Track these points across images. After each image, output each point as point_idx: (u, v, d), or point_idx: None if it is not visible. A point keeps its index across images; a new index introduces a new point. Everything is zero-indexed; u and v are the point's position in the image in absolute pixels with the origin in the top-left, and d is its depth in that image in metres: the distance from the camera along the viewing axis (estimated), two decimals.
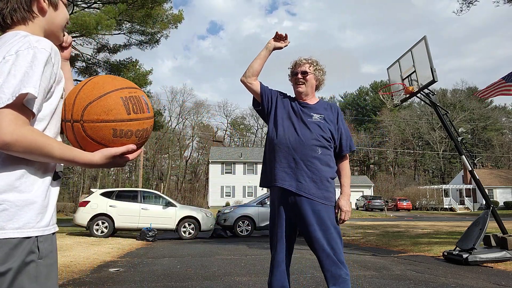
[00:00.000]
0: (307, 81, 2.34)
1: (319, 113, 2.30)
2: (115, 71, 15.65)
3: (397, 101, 7.20)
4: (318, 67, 2.39)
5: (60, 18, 1.15)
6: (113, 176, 55.16)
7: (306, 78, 2.33)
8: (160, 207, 11.35)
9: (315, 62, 2.39)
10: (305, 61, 2.37)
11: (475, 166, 51.45)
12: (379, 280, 4.41)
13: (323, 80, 2.43)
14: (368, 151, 66.18)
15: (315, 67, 2.37)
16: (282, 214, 2.21)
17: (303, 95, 2.36)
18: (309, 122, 2.26)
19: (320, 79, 2.40)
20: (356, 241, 9.69)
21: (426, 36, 6.33)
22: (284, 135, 2.25)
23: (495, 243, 5.90)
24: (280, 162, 2.22)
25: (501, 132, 62.75)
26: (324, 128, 2.25)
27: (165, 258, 6.51)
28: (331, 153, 2.27)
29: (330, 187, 2.20)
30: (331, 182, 2.22)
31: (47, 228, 0.99)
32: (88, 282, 4.35)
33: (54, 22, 1.13)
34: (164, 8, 14.80)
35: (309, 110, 2.31)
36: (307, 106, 2.34)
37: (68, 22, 1.21)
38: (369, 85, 77.00)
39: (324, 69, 2.44)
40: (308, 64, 2.36)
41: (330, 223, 2.15)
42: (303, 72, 2.34)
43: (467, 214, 32.34)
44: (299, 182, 2.15)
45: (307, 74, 2.34)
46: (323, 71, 2.42)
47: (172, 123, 59.06)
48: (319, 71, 2.39)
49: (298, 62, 2.39)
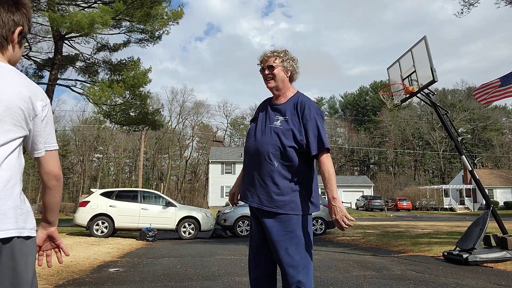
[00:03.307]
0: (275, 75, 2.18)
1: (284, 115, 2.14)
2: (115, 71, 15.65)
3: (397, 101, 7.19)
4: (285, 57, 2.20)
5: (19, 56, 1.31)
6: (113, 176, 55.20)
7: (273, 72, 2.18)
8: (160, 207, 11.35)
9: (282, 53, 2.20)
10: (270, 54, 2.20)
11: (475, 166, 51.43)
12: (379, 280, 4.41)
13: (295, 69, 2.25)
14: (368, 151, 66.19)
15: (281, 58, 2.19)
16: (253, 227, 2.23)
17: (275, 90, 2.23)
18: (269, 129, 2.14)
19: (291, 69, 2.22)
20: (356, 241, 9.68)
21: (426, 36, 6.33)
22: (247, 144, 2.22)
23: (495, 243, 5.90)
24: (245, 176, 2.22)
25: (501, 132, 62.76)
26: (283, 133, 2.09)
27: (165, 258, 6.51)
28: (294, 158, 2.08)
29: (290, 195, 2.06)
30: (294, 189, 2.08)
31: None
32: (88, 282, 4.35)
33: (16, 57, 1.28)
34: (163, 6, 14.76)
35: (275, 113, 2.18)
36: (276, 108, 2.21)
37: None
38: (369, 85, 77.06)
39: (295, 58, 2.26)
40: (273, 57, 2.19)
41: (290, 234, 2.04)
42: (269, 67, 2.18)
43: (467, 214, 32.33)
44: (258, 197, 2.10)
45: (273, 68, 2.18)
46: (293, 60, 2.23)
47: (172, 123, 59.13)
48: (288, 62, 2.20)
49: (263, 57, 2.22)
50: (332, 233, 12.17)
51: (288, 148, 2.07)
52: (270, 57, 2.20)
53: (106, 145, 54.86)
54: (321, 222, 12.16)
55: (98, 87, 13.61)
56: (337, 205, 2.00)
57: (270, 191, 2.06)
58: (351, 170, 68.15)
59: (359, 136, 65.17)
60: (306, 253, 2.07)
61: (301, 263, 2.03)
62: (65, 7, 14.17)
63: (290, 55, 2.24)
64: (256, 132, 2.20)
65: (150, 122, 16.24)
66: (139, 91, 14.75)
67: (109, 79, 15.11)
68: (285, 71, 2.21)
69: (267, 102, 2.32)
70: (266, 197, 2.07)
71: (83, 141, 52.59)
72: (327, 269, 5.17)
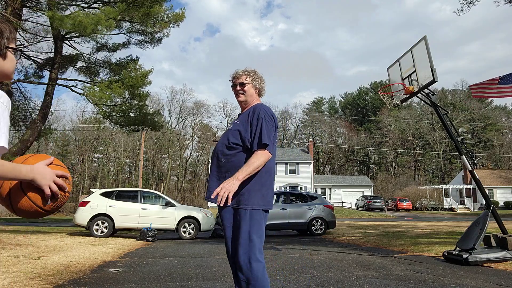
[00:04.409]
0: (246, 91, 2.51)
1: (240, 120, 2.44)
2: (115, 71, 15.63)
3: (397, 101, 7.19)
4: (255, 76, 2.55)
5: (8, 66, 1.36)
6: (113, 176, 55.17)
7: (244, 89, 2.51)
8: (160, 207, 11.35)
9: (252, 73, 2.55)
10: (242, 73, 2.54)
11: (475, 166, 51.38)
12: (379, 280, 4.41)
13: (262, 87, 2.60)
14: (368, 151, 66.17)
15: (252, 77, 2.54)
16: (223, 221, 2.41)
17: (244, 104, 2.55)
18: (225, 132, 2.48)
19: (259, 87, 2.57)
20: (356, 241, 9.68)
21: (426, 36, 6.32)
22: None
23: (495, 243, 5.90)
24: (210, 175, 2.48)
25: (501, 132, 62.75)
26: (232, 133, 2.38)
27: (165, 258, 6.50)
28: (241, 155, 2.34)
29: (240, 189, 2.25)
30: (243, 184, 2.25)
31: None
32: (88, 282, 4.35)
33: (4, 70, 1.34)
34: (164, 7, 14.74)
35: (236, 120, 2.51)
36: (238, 117, 2.52)
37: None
38: (369, 85, 77.04)
39: (262, 77, 2.61)
40: (245, 75, 2.53)
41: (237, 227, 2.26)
42: (241, 84, 2.52)
43: (467, 214, 32.33)
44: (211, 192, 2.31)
45: (245, 85, 2.51)
46: (261, 79, 2.59)
47: (172, 123, 59.12)
48: (257, 80, 2.56)
49: (235, 75, 2.55)
50: (332, 233, 12.17)
51: (233, 145, 2.35)
52: (241, 75, 2.54)
53: (106, 145, 54.85)
54: (321, 222, 12.16)
55: (98, 88, 13.59)
56: (231, 182, 2.16)
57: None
58: (351, 170, 68.16)
59: (359, 136, 65.14)
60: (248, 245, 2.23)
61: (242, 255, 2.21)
62: (65, 6, 14.16)
63: (259, 75, 2.60)
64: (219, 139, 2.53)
65: (150, 123, 16.21)
66: (138, 91, 14.73)
67: (109, 79, 15.10)
68: (254, 87, 2.56)
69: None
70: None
71: (83, 141, 52.58)
72: (327, 269, 5.17)
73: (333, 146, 66.26)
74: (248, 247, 2.20)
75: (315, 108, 77.03)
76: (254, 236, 2.22)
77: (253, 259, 2.18)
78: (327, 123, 71.08)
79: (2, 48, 1.34)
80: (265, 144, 2.25)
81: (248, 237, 2.21)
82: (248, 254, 2.18)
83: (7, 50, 1.36)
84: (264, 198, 2.31)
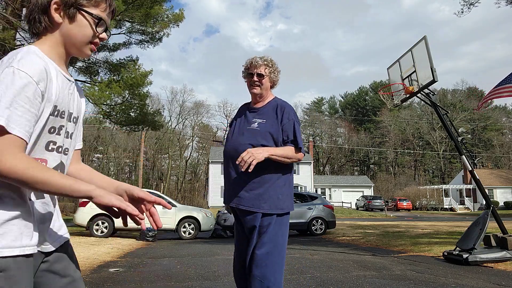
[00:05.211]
0: (263, 84, 2.30)
1: (262, 117, 2.26)
2: (115, 70, 15.63)
3: (397, 101, 7.19)
4: (273, 68, 2.34)
5: (79, 33, 1.04)
6: (113, 176, 55.15)
7: (261, 81, 2.30)
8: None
9: (270, 63, 2.34)
10: (261, 62, 2.31)
11: (475, 166, 51.40)
12: (379, 280, 4.40)
13: (277, 80, 2.40)
14: (368, 151, 66.18)
15: (270, 68, 2.33)
16: (238, 229, 2.30)
17: (258, 97, 2.35)
18: (246, 130, 2.26)
19: (275, 80, 2.37)
20: (356, 241, 9.68)
21: (426, 36, 6.32)
22: (225, 148, 2.32)
23: (495, 243, 5.90)
24: (225, 178, 2.30)
25: (501, 132, 62.76)
26: (261, 134, 2.20)
27: (165, 258, 6.50)
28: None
29: (263, 193, 2.13)
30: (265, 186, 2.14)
31: None
32: (88, 282, 4.35)
33: (71, 37, 1.04)
34: (164, 8, 14.76)
35: (254, 116, 2.30)
36: (254, 111, 2.33)
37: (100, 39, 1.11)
38: (368, 85, 77.04)
39: (279, 69, 2.40)
40: (264, 66, 2.31)
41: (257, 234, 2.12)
42: (259, 75, 2.29)
43: (467, 214, 32.33)
44: (237, 196, 2.17)
45: (263, 77, 2.30)
46: (277, 71, 2.38)
47: (172, 123, 59.11)
48: (274, 73, 2.35)
49: (254, 63, 2.31)
50: (332, 233, 12.17)
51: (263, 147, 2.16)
52: (261, 65, 2.30)
53: (106, 145, 54.86)
54: (321, 222, 12.15)
55: (98, 87, 13.58)
56: (260, 150, 2.03)
57: (248, 188, 2.15)
58: (351, 170, 68.16)
59: (359, 136, 65.14)
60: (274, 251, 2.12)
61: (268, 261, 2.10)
62: None
63: (276, 66, 2.37)
64: (234, 135, 2.31)
65: (150, 123, 16.21)
66: (138, 91, 14.73)
67: (108, 79, 15.09)
68: (271, 81, 2.35)
69: (245, 107, 2.45)
70: (245, 194, 2.15)
71: (83, 141, 52.53)
72: (327, 269, 5.17)
73: (333, 146, 66.28)
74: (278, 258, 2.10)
75: (315, 108, 77.05)
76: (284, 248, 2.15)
77: (278, 272, 2.08)
78: (327, 123, 71.09)
79: (69, 5, 1.02)
80: (300, 148, 2.21)
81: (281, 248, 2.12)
82: (276, 267, 2.08)
83: (79, 12, 1.03)
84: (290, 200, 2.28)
